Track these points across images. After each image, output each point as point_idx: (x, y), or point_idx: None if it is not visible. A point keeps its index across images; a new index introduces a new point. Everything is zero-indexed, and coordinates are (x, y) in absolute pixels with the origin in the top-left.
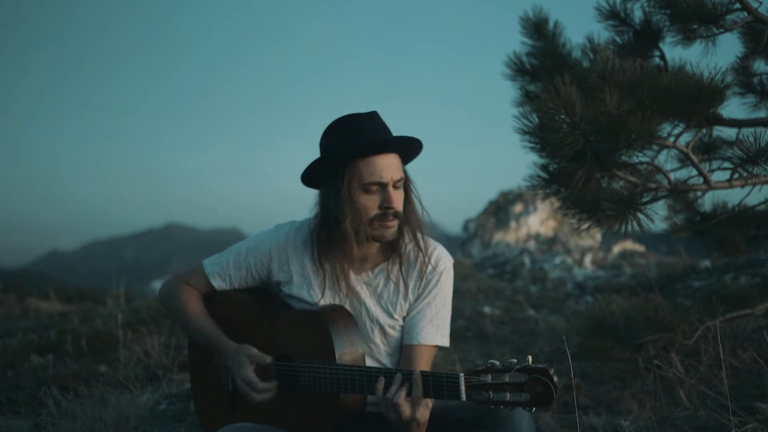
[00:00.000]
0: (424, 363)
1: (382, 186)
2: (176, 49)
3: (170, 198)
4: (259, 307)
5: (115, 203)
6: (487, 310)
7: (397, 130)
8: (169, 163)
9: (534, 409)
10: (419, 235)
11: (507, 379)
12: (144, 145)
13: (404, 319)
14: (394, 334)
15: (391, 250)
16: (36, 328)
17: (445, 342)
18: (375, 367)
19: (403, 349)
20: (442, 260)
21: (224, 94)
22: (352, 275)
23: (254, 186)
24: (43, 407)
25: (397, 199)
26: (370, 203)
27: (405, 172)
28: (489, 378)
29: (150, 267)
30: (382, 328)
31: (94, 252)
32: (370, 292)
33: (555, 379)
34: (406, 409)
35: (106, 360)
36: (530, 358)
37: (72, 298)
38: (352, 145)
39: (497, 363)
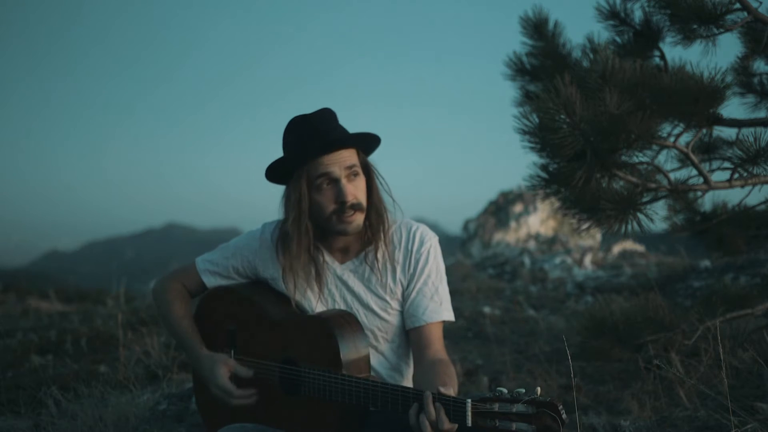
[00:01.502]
0: (436, 340)
1: (333, 180)
2: (177, 50)
3: (170, 198)
4: (262, 306)
5: (116, 203)
6: (487, 310)
7: (396, 130)
8: (169, 163)
9: None
10: (387, 220)
11: (514, 410)
12: (145, 145)
13: (400, 303)
14: (389, 318)
15: (371, 235)
16: (36, 328)
17: (451, 316)
18: (382, 383)
19: (412, 334)
20: (427, 237)
21: (225, 94)
22: (337, 265)
23: (254, 185)
24: (43, 407)
25: (352, 191)
26: (325, 200)
27: (364, 161)
28: (496, 407)
29: (150, 267)
30: (376, 314)
31: (94, 252)
32: (358, 279)
33: (563, 415)
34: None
35: (106, 360)
36: (539, 389)
37: (72, 298)
38: (299, 151)
39: (505, 391)
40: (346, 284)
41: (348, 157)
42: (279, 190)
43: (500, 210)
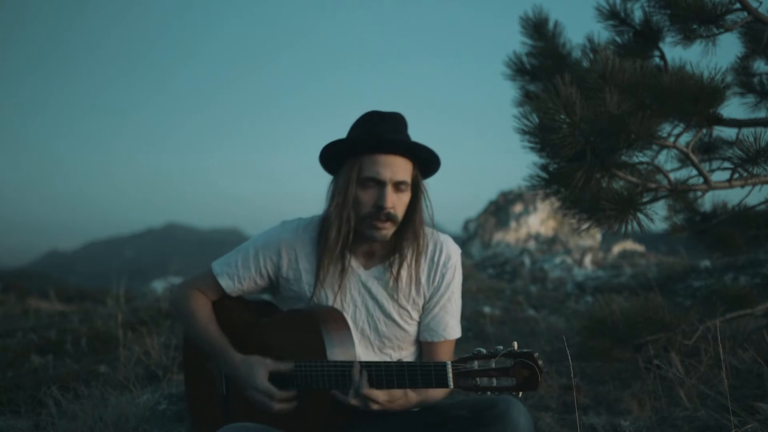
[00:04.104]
0: (448, 354)
1: (380, 183)
2: (180, 51)
3: (170, 198)
4: (251, 312)
5: (116, 203)
6: (487, 310)
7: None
8: (170, 163)
9: (521, 393)
10: (421, 243)
11: (493, 365)
12: (146, 145)
13: (420, 314)
14: (408, 329)
15: (400, 251)
16: (36, 328)
17: (460, 332)
18: (366, 362)
19: (427, 346)
20: (453, 251)
21: (227, 95)
22: (362, 271)
23: (255, 185)
24: (43, 407)
25: (394, 201)
26: (366, 199)
27: (418, 182)
28: (475, 365)
29: (150, 267)
30: (396, 323)
31: (94, 252)
32: (382, 287)
33: (540, 362)
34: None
35: (106, 360)
36: (515, 343)
37: (72, 298)
38: (359, 138)
39: (483, 350)
40: (370, 291)
41: (402, 168)
42: (279, 190)
43: (500, 210)
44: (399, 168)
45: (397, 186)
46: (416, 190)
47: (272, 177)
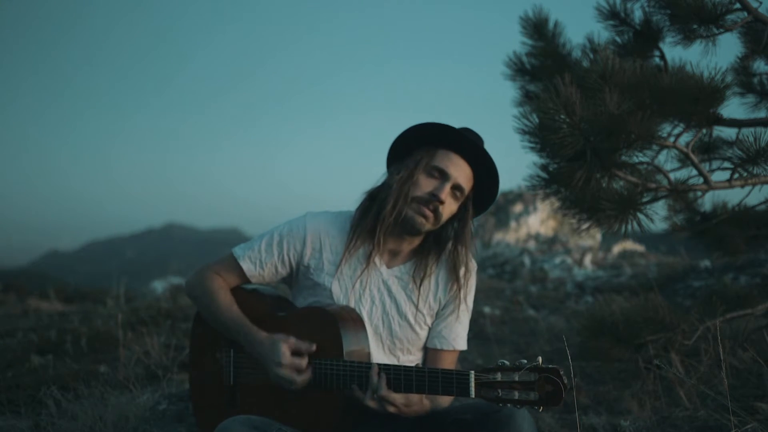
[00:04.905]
0: (452, 363)
1: (444, 177)
2: (181, 51)
3: (171, 198)
4: (267, 306)
5: (116, 203)
6: (487, 310)
7: (395, 131)
8: (170, 163)
9: (542, 408)
10: (451, 252)
11: (516, 378)
12: (146, 146)
13: (432, 320)
14: (420, 332)
15: (423, 247)
16: (36, 328)
17: None
18: (386, 364)
19: (434, 353)
20: (471, 264)
21: (228, 95)
22: (384, 268)
23: (255, 186)
24: (43, 407)
25: (446, 198)
26: (424, 185)
27: (468, 205)
28: (499, 376)
29: (150, 267)
30: (410, 325)
31: (94, 252)
32: (402, 288)
33: (565, 379)
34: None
35: (106, 360)
36: (540, 358)
37: (72, 298)
38: (448, 127)
39: (507, 362)
40: (389, 290)
41: (466, 176)
42: (278, 192)
43: (500, 210)
44: (464, 174)
45: (454, 191)
46: (463, 212)
47: (272, 177)
